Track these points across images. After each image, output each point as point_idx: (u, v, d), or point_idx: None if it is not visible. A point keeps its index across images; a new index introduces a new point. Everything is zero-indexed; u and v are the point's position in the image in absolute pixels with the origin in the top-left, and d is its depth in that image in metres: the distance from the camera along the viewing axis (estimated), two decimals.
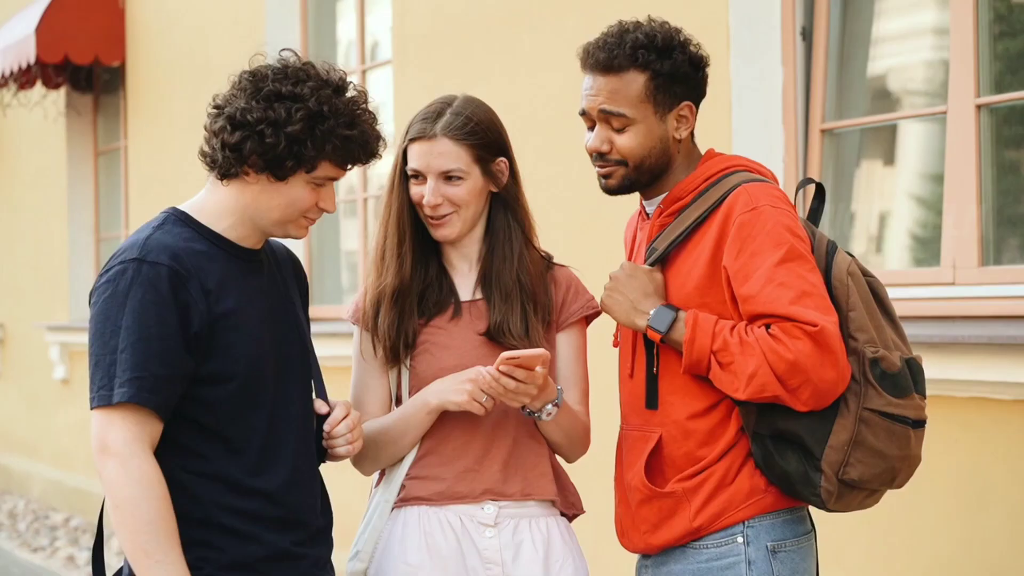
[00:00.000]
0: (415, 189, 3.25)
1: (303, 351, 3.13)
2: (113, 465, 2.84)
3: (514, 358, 3.04)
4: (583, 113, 3.15)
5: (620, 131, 3.10)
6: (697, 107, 3.16)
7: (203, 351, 2.92)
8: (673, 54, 3.09)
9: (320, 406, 3.14)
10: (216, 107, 2.98)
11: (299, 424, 3.07)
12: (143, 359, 2.85)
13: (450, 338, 3.29)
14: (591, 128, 3.16)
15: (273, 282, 3.12)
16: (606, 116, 3.10)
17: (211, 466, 2.95)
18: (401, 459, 3.30)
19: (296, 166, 2.93)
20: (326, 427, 3.12)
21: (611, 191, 3.18)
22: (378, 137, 3.03)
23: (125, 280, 2.88)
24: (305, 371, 3.13)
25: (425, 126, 3.23)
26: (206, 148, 2.99)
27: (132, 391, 2.84)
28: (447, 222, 3.26)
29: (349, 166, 3.01)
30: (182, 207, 3.05)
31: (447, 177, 3.23)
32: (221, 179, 2.99)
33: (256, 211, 2.99)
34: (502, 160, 3.29)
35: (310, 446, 3.11)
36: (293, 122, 2.89)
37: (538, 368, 3.07)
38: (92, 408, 2.88)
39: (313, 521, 3.08)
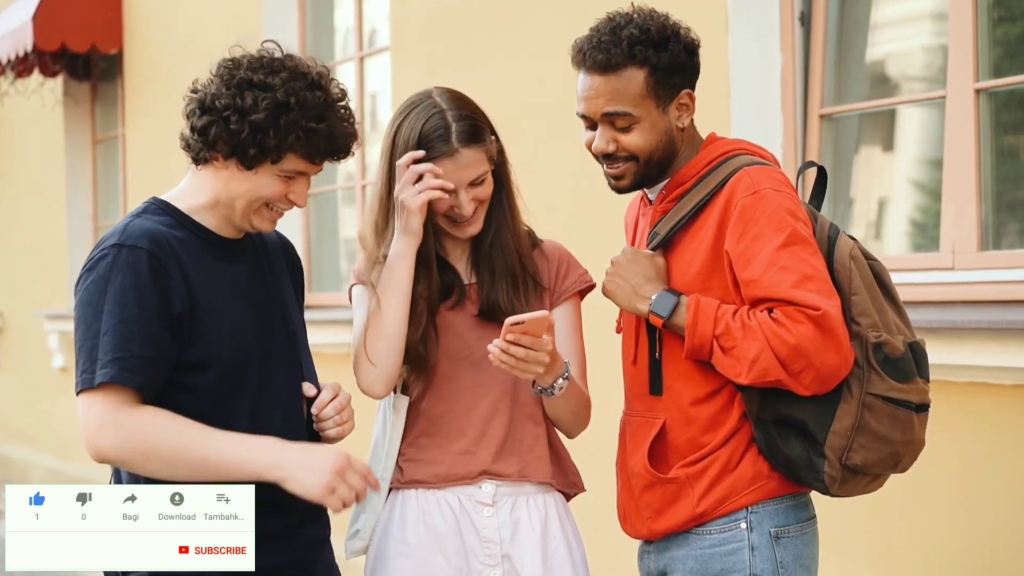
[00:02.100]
0: (440, 203, 3.23)
1: (289, 337, 3.13)
2: (110, 438, 2.86)
3: (518, 323, 3.03)
4: (583, 116, 3.14)
5: (625, 130, 3.08)
6: (694, 90, 3.15)
7: (186, 335, 2.93)
8: (669, 45, 3.07)
9: (308, 388, 3.14)
10: (192, 91, 3.00)
11: (285, 409, 3.08)
12: (124, 340, 2.86)
13: (446, 321, 3.31)
14: (590, 128, 3.14)
15: (257, 270, 3.12)
16: (610, 118, 3.08)
17: None
18: (388, 437, 3.32)
19: (260, 155, 2.93)
20: (313, 410, 3.13)
21: (622, 191, 3.17)
22: (349, 135, 3.02)
23: (105, 265, 2.91)
24: (292, 358, 3.13)
25: (443, 146, 3.19)
26: (184, 131, 3.02)
27: (113, 371, 2.85)
28: (475, 219, 3.28)
29: (318, 160, 3.00)
30: (164, 196, 3.08)
31: (472, 183, 3.23)
32: (195, 164, 3.02)
33: (226, 198, 3.00)
34: (493, 139, 3.30)
35: (298, 429, 3.11)
36: (258, 111, 2.89)
37: (544, 336, 3.07)
38: (77, 393, 2.90)
39: (303, 503, 3.08)
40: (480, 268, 3.31)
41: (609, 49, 3.05)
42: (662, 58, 3.06)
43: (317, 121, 2.93)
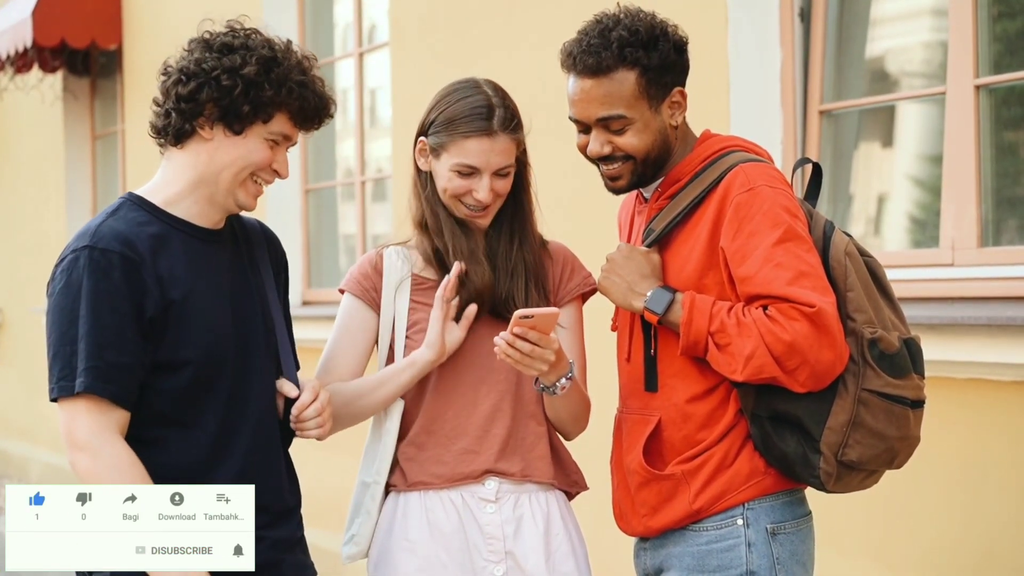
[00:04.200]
0: (460, 182, 3.23)
1: (267, 332, 3.11)
2: (85, 459, 2.86)
3: (527, 317, 3.02)
4: (575, 120, 3.13)
5: (619, 132, 3.08)
6: (685, 87, 3.15)
7: (158, 337, 2.91)
8: (658, 44, 3.06)
9: (289, 389, 3.11)
10: (165, 71, 3.00)
11: (260, 407, 3.06)
12: (97, 348, 2.85)
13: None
14: (583, 131, 3.14)
15: (237, 261, 3.10)
16: (604, 121, 3.08)
17: (166, 456, 2.95)
18: (383, 441, 3.31)
19: (253, 113, 2.93)
20: (294, 411, 3.11)
21: (619, 191, 3.17)
22: (330, 97, 3.06)
23: (78, 269, 2.88)
24: (270, 352, 3.11)
25: (483, 124, 3.21)
26: (156, 119, 3.00)
27: (89, 380, 2.84)
28: (487, 213, 3.28)
29: (303, 122, 3.02)
30: (138, 191, 3.04)
31: (498, 172, 3.24)
32: (176, 143, 2.99)
33: (211, 172, 2.98)
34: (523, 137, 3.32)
35: (272, 428, 3.10)
36: (249, 65, 2.91)
37: (552, 334, 3.06)
38: (53, 399, 2.89)
39: (274, 503, 3.07)
40: (495, 265, 3.30)
41: (599, 52, 3.04)
42: (652, 58, 3.05)
43: (303, 74, 2.97)
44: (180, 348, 2.93)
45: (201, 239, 3.02)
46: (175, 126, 2.96)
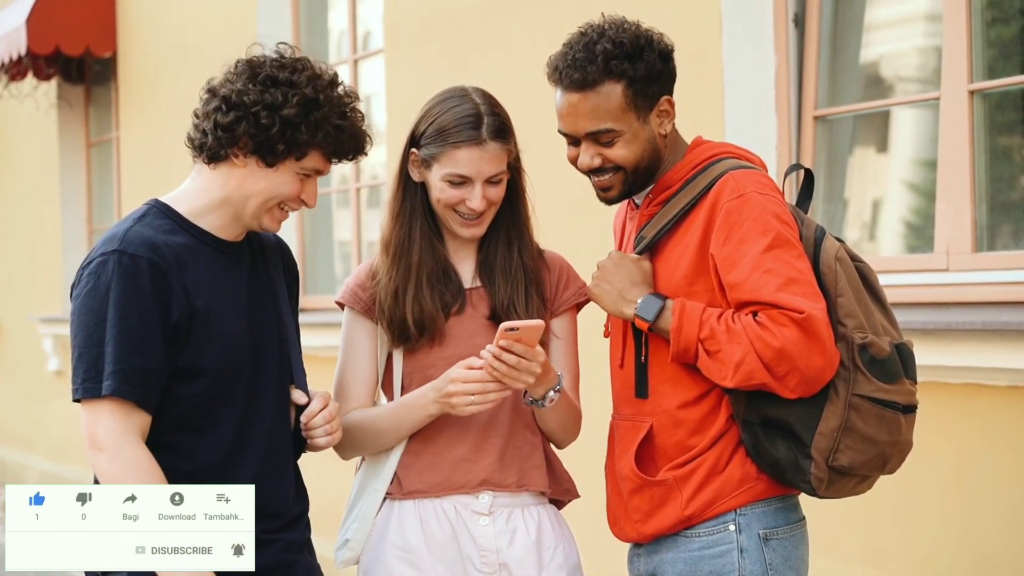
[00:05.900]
0: (453, 192, 3.23)
1: (281, 343, 3.13)
2: (104, 459, 2.88)
3: (513, 329, 3.02)
4: (564, 133, 3.14)
5: (609, 144, 3.08)
6: (672, 95, 3.15)
7: (182, 343, 2.94)
8: (644, 55, 3.06)
9: (299, 397, 3.14)
10: (210, 90, 3.01)
11: (273, 415, 3.09)
12: (125, 352, 2.88)
13: (448, 326, 3.29)
14: (572, 144, 3.14)
15: (254, 273, 3.13)
16: (593, 135, 3.08)
17: (181, 461, 2.97)
18: (389, 453, 3.31)
19: (287, 151, 2.95)
20: (303, 419, 3.14)
21: (611, 202, 3.17)
22: (367, 133, 3.08)
23: (106, 272, 2.91)
24: (283, 363, 3.13)
25: (473, 133, 3.21)
26: (194, 133, 3.02)
27: (115, 384, 2.87)
28: (482, 221, 3.27)
29: (336, 159, 3.05)
30: (164, 199, 3.07)
31: (490, 180, 3.24)
32: (208, 162, 3.01)
33: (239, 197, 3.01)
34: (515, 146, 3.31)
35: (284, 437, 3.12)
36: (289, 106, 2.92)
37: (537, 347, 3.06)
38: (76, 400, 2.92)
39: (285, 511, 3.10)
40: (494, 272, 3.30)
41: (585, 66, 3.04)
42: (638, 69, 3.05)
43: (342, 118, 2.99)
44: (201, 356, 2.96)
45: (223, 252, 3.05)
46: (210, 147, 2.99)
